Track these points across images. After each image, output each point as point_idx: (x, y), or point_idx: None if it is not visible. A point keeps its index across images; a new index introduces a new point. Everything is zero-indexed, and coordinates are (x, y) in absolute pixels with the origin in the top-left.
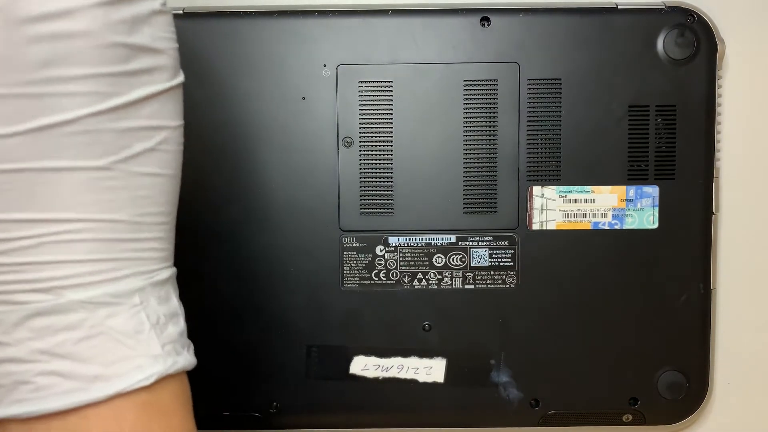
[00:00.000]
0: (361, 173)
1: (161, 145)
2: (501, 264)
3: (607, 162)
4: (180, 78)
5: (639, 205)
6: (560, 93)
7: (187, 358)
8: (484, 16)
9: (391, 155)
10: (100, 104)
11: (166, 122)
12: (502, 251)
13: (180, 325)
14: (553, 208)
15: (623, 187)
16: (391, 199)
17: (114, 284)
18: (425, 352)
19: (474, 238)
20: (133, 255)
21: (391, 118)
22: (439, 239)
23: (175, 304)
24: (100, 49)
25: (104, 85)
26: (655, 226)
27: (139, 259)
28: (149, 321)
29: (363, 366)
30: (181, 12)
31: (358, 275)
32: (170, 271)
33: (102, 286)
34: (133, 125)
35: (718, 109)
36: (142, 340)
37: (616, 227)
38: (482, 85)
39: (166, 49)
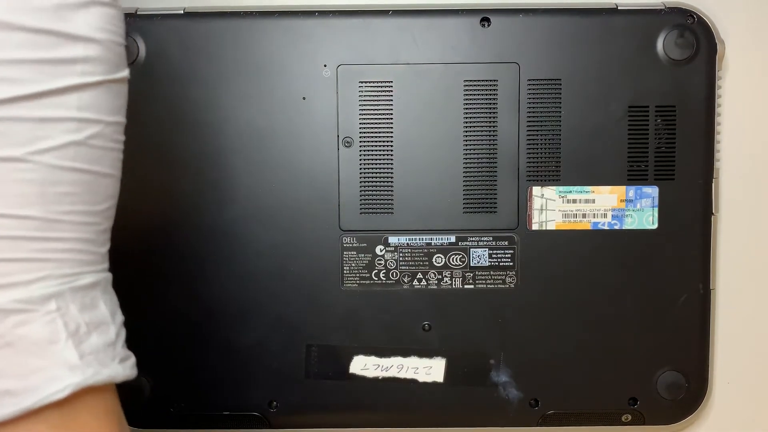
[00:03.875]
0: (361, 173)
1: (91, 139)
2: (501, 264)
3: (607, 162)
4: (122, 73)
5: (639, 206)
6: (560, 93)
7: (114, 369)
8: (484, 16)
9: (391, 155)
10: (15, 90)
11: (100, 116)
12: (502, 251)
13: (108, 334)
14: (553, 208)
15: (623, 188)
16: (391, 199)
17: (23, 288)
18: (425, 352)
19: (474, 238)
20: (46, 256)
21: (391, 118)
22: (439, 239)
23: (103, 312)
24: (17, 33)
25: (20, 71)
26: (655, 226)
27: (56, 260)
28: (66, 329)
29: (363, 366)
30: (182, 12)
31: (358, 275)
32: (97, 276)
33: (9, 291)
34: (56, 115)
35: (717, 110)
36: (57, 351)
37: (616, 227)
38: (482, 85)
39: (104, 41)
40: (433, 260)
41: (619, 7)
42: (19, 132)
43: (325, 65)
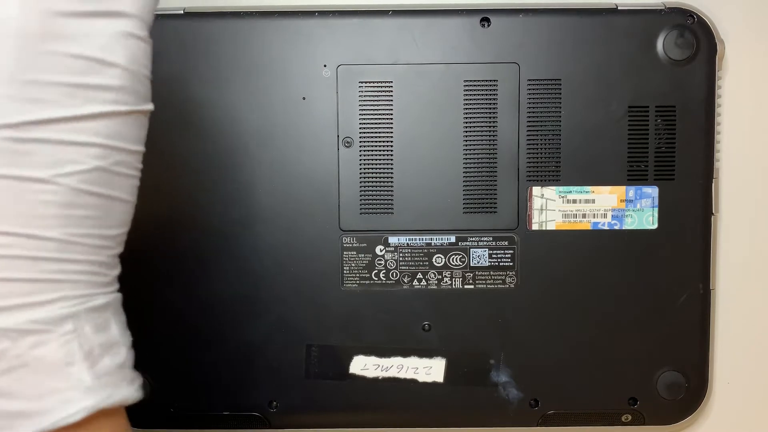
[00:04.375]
0: (361, 173)
1: (115, 166)
2: (501, 264)
3: (607, 162)
4: (148, 106)
5: (639, 206)
6: (560, 93)
7: (127, 391)
8: (484, 16)
9: (391, 155)
10: (47, 113)
11: (125, 145)
12: (502, 251)
13: (120, 356)
14: (553, 208)
15: (623, 188)
16: (391, 199)
17: (40, 309)
18: (425, 352)
19: (474, 238)
20: (63, 277)
21: (391, 118)
22: (438, 239)
23: (115, 333)
24: (55, 57)
25: (54, 94)
26: (655, 226)
27: (71, 281)
28: (81, 351)
29: (363, 366)
30: (182, 12)
31: (358, 275)
32: (110, 297)
33: (27, 311)
34: (84, 140)
35: (717, 110)
36: (72, 373)
37: (616, 228)
38: (482, 85)
39: (136, 72)
40: (433, 260)
41: (619, 7)
42: (47, 154)
43: (325, 65)
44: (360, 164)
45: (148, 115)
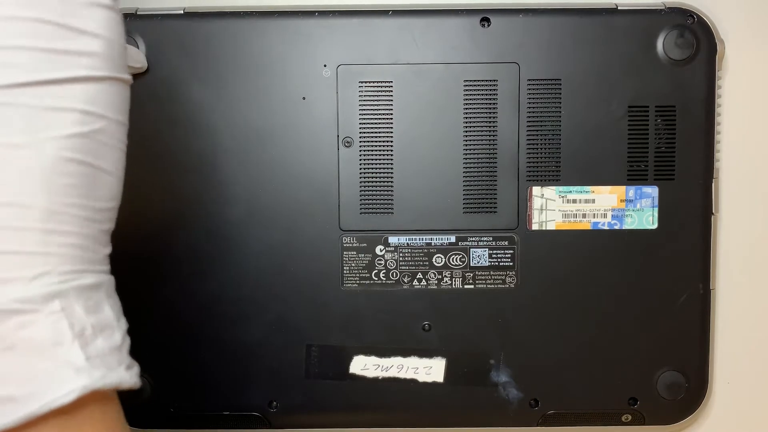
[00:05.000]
0: (361, 173)
1: (96, 134)
2: (501, 264)
3: (607, 162)
4: (126, 75)
5: (638, 206)
6: (560, 93)
7: (123, 374)
8: (484, 16)
9: (391, 155)
10: (17, 76)
11: (105, 112)
12: (502, 251)
13: (114, 339)
14: (553, 208)
15: (623, 188)
16: (391, 199)
17: (24, 285)
18: (425, 352)
19: (474, 238)
20: (48, 249)
21: (391, 118)
22: (438, 239)
23: (109, 316)
24: (21, 22)
25: (23, 58)
26: (655, 226)
27: (58, 255)
28: (72, 330)
29: (363, 366)
30: (182, 12)
31: (358, 275)
32: (101, 277)
33: (9, 287)
34: (61, 105)
35: (717, 110)
36: (62, 352)
37: (616, 227)
38: (482, 85)
39: (108, 39)
40: (433, 260)
41: (619, 7)
42: (22, 119)
43: (325, 65)
44: (360, 164)
45: (128, 87)
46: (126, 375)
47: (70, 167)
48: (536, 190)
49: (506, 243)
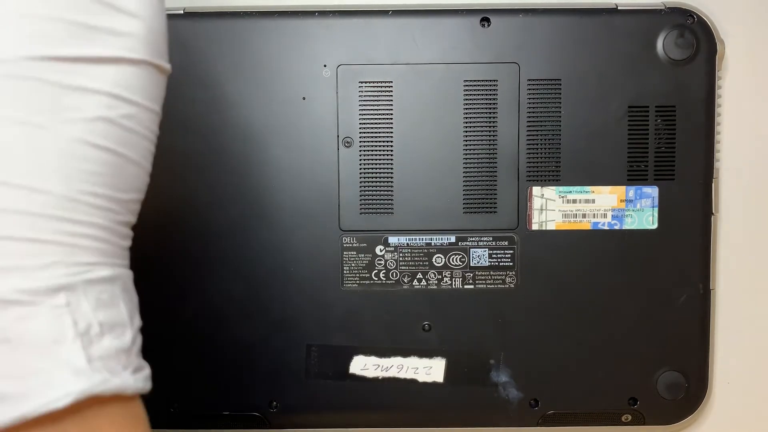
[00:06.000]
0: (361, 173)
1: (124, 120)
2: (500, 264)
3: (607, 162)
4: (164, 63)
5: (638, 206)
6: (560, 93)
7: (125, 380)
8: (484, 16)
9: (391, 155)
10: (47, 49)
11: (136, 98)
12: (502, 251)
13: (124, 340)
14: (553, 208)
15: (623, 188)
16: (391, 199)
17: (29, 275)
18: (425, 352)
19: (474, 238)
20: (58, 238)
21: (391, 118)
22: (438, 239)
23: (122, 313)
24: None
25: (56, 29)
26: (655, 226)
27: (69, 245)
28: (75, 328)
29: (363, 366)
30: (182, 12)
31: (358, 275)
32: (118, 271)
33: (11, 276)
34: (89, 85)
35: (717, 110)
36: (62, 352)
37: (616, 227)
38: (482, 85)
39: (149, 22)
40: (433, 260)
41: (619, 7)
42: (46, 96)
43: (325, 65)
44: (360, 164)
45: (166, 76)
46: (131, 380)
47: (91, 153)
48: (536, 190)
49: (506, 243)
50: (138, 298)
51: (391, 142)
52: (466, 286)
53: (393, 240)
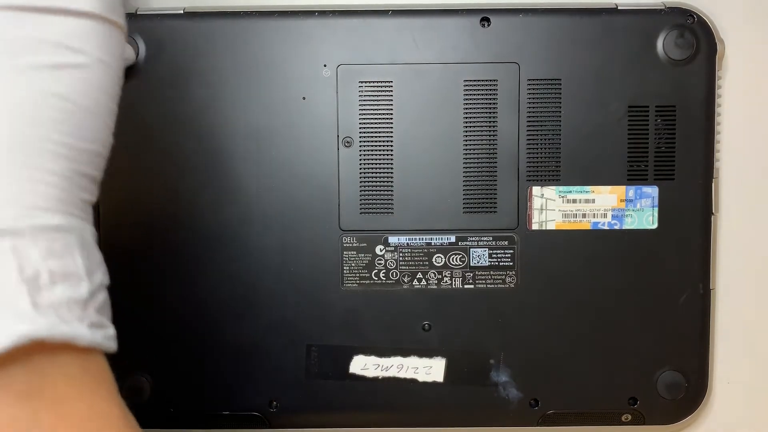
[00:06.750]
0: (361, 173)
1: (75, 70)
2: (500, 264)
3: (607, 162)
4: (119, 19)
5: (638, 206)
6: (560, 93)
7: (78, 330)
8: (484, 16)
9: (391, 155)
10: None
11: (88, 49)
12: (502, 251)
13: (79, 291)
14: (553, 208)
15: (623, 188)
16: (391, 199)
17: None
18: (425, 351)
19: (474, 238)
20: (10, 181)
21: (391, 118)
22: (438, 239)
23: (77, 264)
24: None
25: None
26: (655, 226)
27: (20, 189)
28: (21, 274)
29: (363, 365)
30: (182, 12)
31: (358, 275)
32: (73, 221)
33: None
34: (36, 34)
35: (717, 110)
36: (4, 295)
37: (616, 227)
38: (482, 85)
39: None
40: (433, 260)
41: (619, 7)
42: None
43: (325, 65)
44: (360, 164)
45: (121, 33)
46: (86, 332)
47: (44, 99)
48: (536, 190)
49: (506, 243)
50: (102, 257)
51: (391, 142)
52: (466, 286)
53: (393, 240)
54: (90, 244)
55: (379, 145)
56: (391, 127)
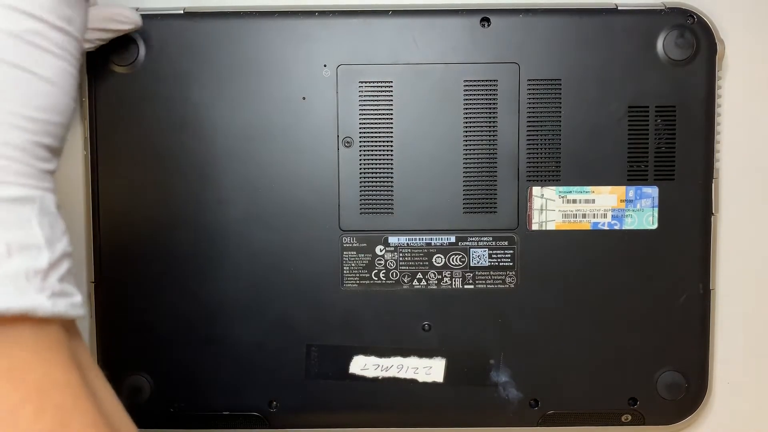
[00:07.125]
0: (361, 173)
1: (28, 35)
2: (500, 264)
3: (607, 162)
4: None
5: (638, 206)
6: (560, 93)
7: (36, 301)
8: (484, 16)
9: (391, 155)
10: None
11: (40, 13)
12: (502, 251)
13: (38, 262)
14: (553, 208)
15: (623, 188)
16: (391, 199)
17: None
18: (425, 351)
19: (474, 238)
20: None
21: (391, 118)
22: (438, 239)
23: (36, 235)
24: None
25: None
26: (655, 226)
27: None
28: None
29: (363, 366)
30: (182, 12)
31: (358, 275)
32: (31, 192)
33: None
34: None
35: (717, 110)
36: None
37: (616, 228)
38: (482, 85)
39: None
40: (433, 260)
41: (619, 7)
42: None
43: (325, 65)
44: (360, 164)
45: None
46: (46, 302)
47: None
48: (536, 190)
49: (506, 243)
50: (65, 224)
51: (391, 142)
52: (466, 286)
53: (393, 240)
54: (52, 214)
55: (379, 145)
56: (391, 128)
